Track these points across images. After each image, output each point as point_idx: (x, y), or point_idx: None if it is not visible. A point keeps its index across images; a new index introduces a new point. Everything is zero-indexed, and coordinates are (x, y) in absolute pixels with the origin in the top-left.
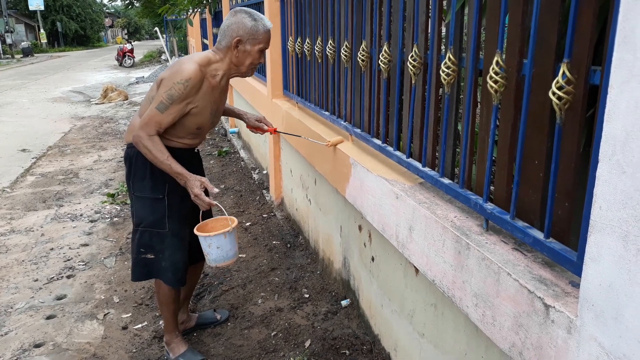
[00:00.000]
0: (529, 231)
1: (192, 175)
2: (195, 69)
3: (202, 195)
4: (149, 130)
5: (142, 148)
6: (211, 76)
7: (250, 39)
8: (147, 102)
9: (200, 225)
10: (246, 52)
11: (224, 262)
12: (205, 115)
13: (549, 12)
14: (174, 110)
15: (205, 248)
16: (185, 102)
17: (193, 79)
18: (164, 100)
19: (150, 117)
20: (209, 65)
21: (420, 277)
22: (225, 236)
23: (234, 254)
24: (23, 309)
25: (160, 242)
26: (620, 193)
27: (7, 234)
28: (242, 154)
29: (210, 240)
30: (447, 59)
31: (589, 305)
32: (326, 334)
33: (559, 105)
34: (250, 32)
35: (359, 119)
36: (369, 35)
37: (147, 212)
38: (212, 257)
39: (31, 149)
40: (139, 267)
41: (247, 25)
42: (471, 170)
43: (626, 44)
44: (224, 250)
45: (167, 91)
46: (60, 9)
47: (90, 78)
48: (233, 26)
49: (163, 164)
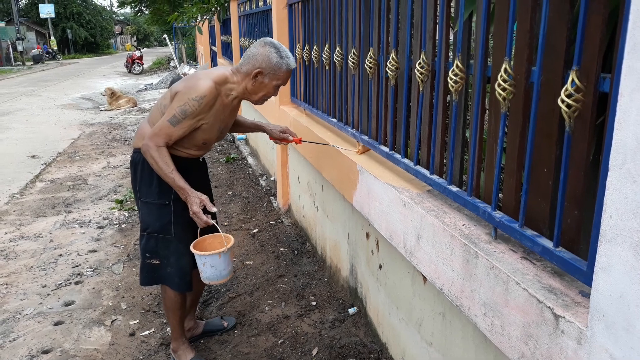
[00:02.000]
0: (538, 240)
1: (193, 192)
2: (211, 86)
3: (200, 213)
4: (158, 141)
5: (149, 158)
6: (225, 95)
7: (270, 73)
8: (158, 110)
9: (198, 241)
10: (263, 84)
11: (217, 280)
12: (213, 131)
13: (558, 19)
14: (186, 125)
15: (200, 265)
16: (197, 118)
17: (208, 96)
18: (177, 114)
19: (161, 128)
20: (225, 84)
21: (429, 286)
22: (219, 256)
23: (227, 273)
24: (31, 315)
25: (165, 247)
26: (630, 202)
27: (16, 240)
28: (249, 160)
29: (205, 259)
30: (455, 66)
31: (600, 316)
32: (333, 342)
33: (568, 113)
34: (273, 68)
35: (367, 126)
36: (376, 43)
37: (153, 217)
38: (205, 274)
39: (41, 155)
40: (145, 272)
41: (272, 60)
42: (479, 178)
43: (636, 51)
44: (217, 270)
45: (181, 106)
46: (70, 16)
47: (99, 85)
48: (258, 57)
49: (167, 176)
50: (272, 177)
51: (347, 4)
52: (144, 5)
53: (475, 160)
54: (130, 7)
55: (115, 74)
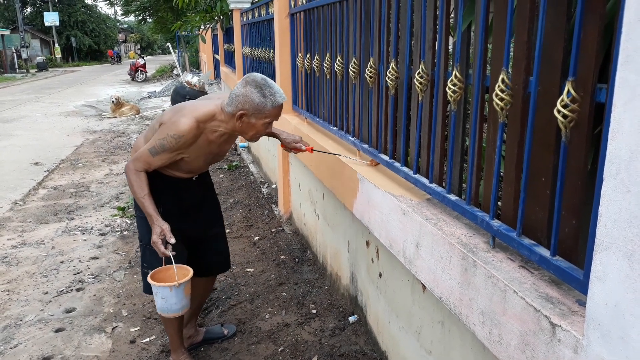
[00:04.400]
0: (535, 249)
1: (159, 220)
2: (192, 126)
3: (158, 243)
4: (137, 166)
5: (127, 179)
6: (211, 131)
7: (255, 113)
8: (151, 130)
9: (162, 269)
10: (250, 124)
11: (168, 313)
12: (197, 162)
13: (555, 31)
14: (165, 157)
15: (154, 294)
16: (176, 152)
17: (186, 135)
18: (156, 147)
19: (142, 154)
20: (210, 121)
21: (428, 294)
22: (170, 289)
23: (178, 308)
24: (32, 322)
25: (157, 260)
26: (625, 212)
27: (18, 246)
28: (251, 168)
29: (157, 289)
30: (454, 76)
31: (595, 325)
32: (333, 350)
33: (564, 123)
34: (256, 108)
35: (367, 135)
36: (376, 52)
37: (145, 230)
38: (157, 305)
39: (44, 162)
40: (145, 281)
41: (254, 101)
42: (478, 187)
43: (629, 63)
44: (168, 303)
45: (160, 139)
46: (75, 24)
47: (102, 92)
48: (240, 97)
49: (139, 200)
50: (274, 185)
51: (348, 14)
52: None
53: (474, 169)
54: (134, 15)
55: (119, 81)
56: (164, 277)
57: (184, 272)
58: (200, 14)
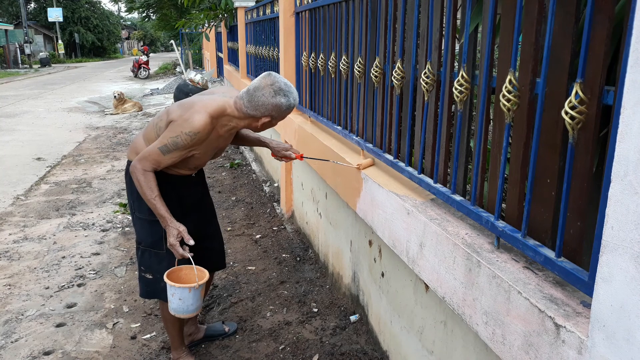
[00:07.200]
0: (540, 250)
1: (173, 222)
2: (206, 122)
3: (176, 245)
4: (146, 166)
5: (135, 179)
6: (221, 126)
7: (279, 116)
8: (153, 129)
9: (174, 269)
10: (270, 123)
11: (184, 314)
12: (205, 157)
13: (563, 32)
14: (176, 155)
15: (169, 295)
16: (189, 149)
17: (201, 132)
18: (168, 145)
19: (151, 153)
20: (222, 117)
21: (430, 294)
22: (189, 290)
23: (195, 309)
24: (33, 317)
25: (158, 262)
26: (632, 214)
27: (20, 241)
28: (253, 166)
29: (175, 290)
30: (460, 76)
31: (600, 326)
32: (334, 349)
33: (572, 125)
34: (282, 113)
35: (371, 134)
36: (382, 52)
37: (145, 232)
38: (172, 305)
39: (46, 157)
40: (142, 285)
41: (282, 108)
42: (483, 188)
43: (639, 65)
44: (185, 304)
45: (173, 137)
46: (78, 20)
47: (105, 89)
48: (269, 106)
49: (149, 201)
50: (276, 183)
51: (354, 13)
52: (151, 10)
53: (479, 170)
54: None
55: (122, 78)
56: (175, 278)
57: (197, 273)
58: (204, 12)
